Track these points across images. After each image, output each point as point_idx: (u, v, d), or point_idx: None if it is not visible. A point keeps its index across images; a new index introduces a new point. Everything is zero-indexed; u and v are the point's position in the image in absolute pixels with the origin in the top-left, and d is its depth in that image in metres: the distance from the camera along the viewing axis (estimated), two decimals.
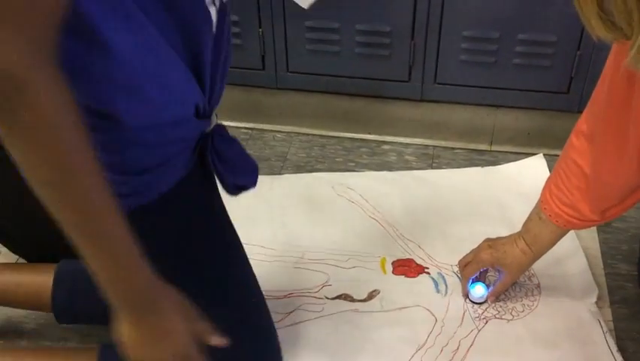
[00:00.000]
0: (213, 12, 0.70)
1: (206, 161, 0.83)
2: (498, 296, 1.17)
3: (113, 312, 0.69)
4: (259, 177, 1.46)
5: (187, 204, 0.84)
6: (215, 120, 0.82)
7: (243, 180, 0.88)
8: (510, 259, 1.10)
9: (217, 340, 0.78)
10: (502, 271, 1.13)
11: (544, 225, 1.05)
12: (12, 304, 1.13)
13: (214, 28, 0.71)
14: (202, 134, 0.81)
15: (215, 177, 0.85)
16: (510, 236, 1.12)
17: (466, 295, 1.19)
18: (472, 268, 1.15)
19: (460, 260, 1.19)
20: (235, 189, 0.87)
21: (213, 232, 0.91)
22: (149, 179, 0.76)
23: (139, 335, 0.70)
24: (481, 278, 1.18)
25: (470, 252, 1.17)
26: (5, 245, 1.28)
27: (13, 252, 1.28)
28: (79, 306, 1.08)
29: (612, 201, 0.97)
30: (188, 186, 0.82)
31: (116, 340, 0.71)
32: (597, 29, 0.60)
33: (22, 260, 1.29)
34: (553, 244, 1.08)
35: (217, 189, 0.89)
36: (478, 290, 1.17)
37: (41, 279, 1.10)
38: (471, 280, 1.17)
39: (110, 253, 0.64)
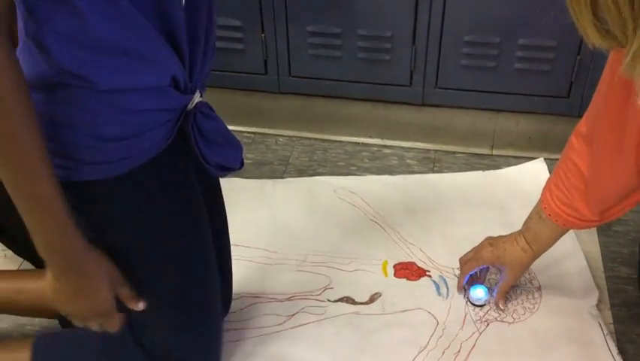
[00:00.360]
0: None
1: (188, 138, 0.83)
2: (504, 296, 1.17)
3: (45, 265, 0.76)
4: (262, 180, 1.50)
5: (161, 180, 0.84)
6: (198, 98, 0.82)
7: (226, 159, 0.89)
8: (510, 257, 1.11)
9: (135, 305, 0.86)
10: (502, 270, 1.14)
11: (545, 224, 1.06)
12: (13, 312, 1.13)
13: (183, 2, 0.73)
14: (184, 110, 0.81)
15: (199, 157, 0.85)
16: (510, 235, 1.12)
17: (462, 290, 1.20)
18: (472, 265, 1.16)
19: (461, 257, 1.19)
20: (219, 169, 0.88)
21: (182, 213, 0.89)
22: (123, 148, 0.76)
23: (62, 289, 0.79)
24: (480, 278, 1.18)
25: (471, 250, 1.18)
26: (10, 248, 1.28)
27: (18, 254, 1.29)
28: None
29: (611, 202, 0.98)
30: (164, 162, 0.82)
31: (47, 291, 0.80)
32: (593, 38, 0.61)
33: (26, 264, 1.30)
34: (554, 242, 1.09)
35: (193, 172, 0.89)
36: (479, 293, 1.17)
37: (43, 284, 1.09)
38: (468, 280, 1.18)
39: (40, 214, 0.71)
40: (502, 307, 1.17)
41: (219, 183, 1.03)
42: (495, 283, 1.18)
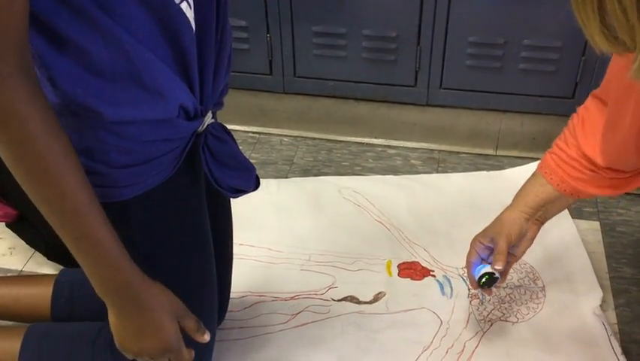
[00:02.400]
0: (188, 11, 0.69)
1: (199, 160, 0.82)
2: (503, 260, 1.03)
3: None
4: (266, 180, 1.50)
5: (170, 205, 0.83)
6: (209, 120, 0.81)
7: (239, 182, 0.86)
8: (495, 223, 1.06)
9: (202, 337, 0.82)
10: (497, 236, 1.06)
11: (535, 179, 1.02)
12: (11, 318, 1.13)
13: (193, 27, 0.71)
14: (194, 134, 0.80)
15: (210, 179, 0.83)
16: None
17: (473, 283, 1.08)
18: (471, 252, 1.08)
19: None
20: (231, 192, 0.86)
21: (190, 238, 0.88)
22: (131, 175, 0.76)
23: (125, 329, 0.75)
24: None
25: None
26: (26, 238, 1.29)
27: (33, 245, 1.30)
28: (78, 315, 1.08)
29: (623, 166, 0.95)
30: (173, 187, 0.81)
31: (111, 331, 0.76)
32: (601, 44, 0.61)
33: (30, 264, 1.31)
34: (540, 200, 1.02)
35: (204, 191, 0.87)
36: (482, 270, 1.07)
37: (40, 291, 1.09)
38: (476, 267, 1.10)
39: (92, 253, 0.69)
40: (498, 268, 1.03)
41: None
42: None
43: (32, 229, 1.26)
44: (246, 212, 1.39)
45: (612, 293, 1.22)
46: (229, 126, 1.41)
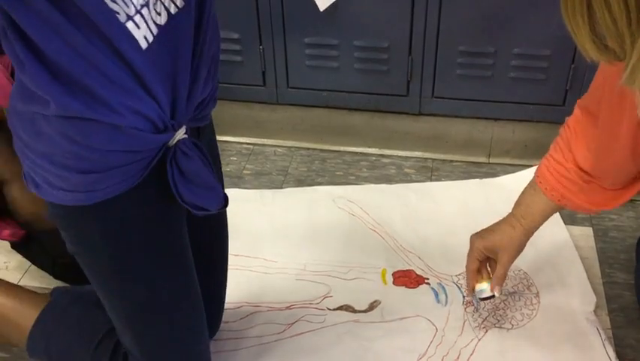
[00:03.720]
0: (135, 30, 0.69)
1: (166, 175, 0.81)
2: (502, 281, 1.10)
3: None
4: (260, 191, 1.51)
5: (136, 214, 0.83)
6: (181, 135, 0.80)
7: (201, 200, 0.84)
8: (500, 235, 1.07)
9: None
10: (497, 252, 1.10)
11: (538, 196, 1.03)
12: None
13: (142, 44, 0.70)
14: (162, 147, 0.79)
15: (175, 195, 0.82)
16: (499, 220, 1.10)
17: (472, 291, 1.14)
18: (471, 258, 1.12)
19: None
20: (195, 209, 0.84)
21: (154, 248, 0.87)
22: (92, 181, 0.76)
23: None
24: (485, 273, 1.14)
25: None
26: (31, 258, 1.30)
27: (40, 266, 1.30)
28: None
29: (611, 180, 0.97)
30: (140, 197, 0.81)
31: None
32: (591, 53, 0.62)
33: (25, 279, 1.31)
34: (544, 217, 1.05)
35: (177, 205, 0.85)
36: (482, 285, 1.13)
37: (24, 321, 1.05)
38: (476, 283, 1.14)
39: None
40: (498, 294, 1.10)
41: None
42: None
43: (39, 249, 1.26)
44: (241, 222, 1.40)
45: (606, 298, 1.23)
46: (223, 138, 1.43)
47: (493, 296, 1.12)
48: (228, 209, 1.06)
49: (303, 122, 1.67)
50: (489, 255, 1.11)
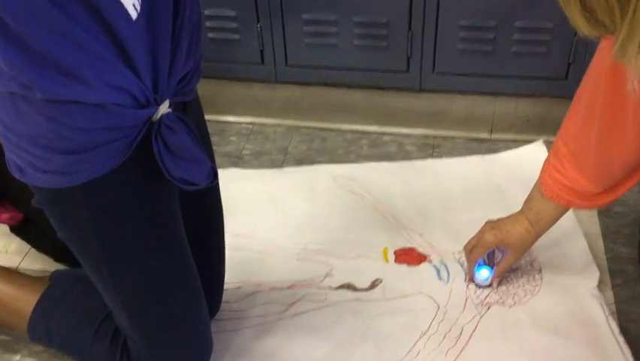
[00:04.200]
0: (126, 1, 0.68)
1: (153, 150, 0.79)
2: (502, 276, 1.18)
3: None
4: (261, 170, 1.50)
5: (123, 194, 0.82)
6: (164, 109, 0.79)
7: (189, 174, 0.83)
8: (514, 238, 1.11)
9: None
10: (504, 251, 1.14)
11: (547, 203, 1.06)
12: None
13: (132, 15, 0.69)
14: (146, 123, 0.78)
15: (163, 170, 0.81)
16: (511, 216, 1.12)
17: (472, 280, 1.19)
18: (478, 252, 1.16)
19: (465, 245, 1.19)
20: (183, 184, 0.83)
21: (150, 228, 0.87)
22: (77, 161, 0.75)
23: None
24: (489, 262, 1.18)
25: (473, 237, 1.18)
26: (30, 241, 1.29)
27: (38, 249, 1.29)
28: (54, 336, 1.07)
29: (615, 178, 0.98)
30: (127, 175, 0.80)
31: None
32: (583, 27, 0.62)
33: (24, 263, 1.31)
34: (556, 220, 1.09)
35: (166, 183, 0.84)
36: (483, 273, 1.17)
37: (24, 307, 1.06)
38: (477, 264, 1.18)
39: None
40: (495, 286, 1.17)
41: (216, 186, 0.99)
42: (497, 261, 1.17)
43: (38, 232, 1.25)
44: (242, 202, 1.39)
45: (609, 273, 1.22)
46: (222, 118, 1.42)
47: (491, 285, 1.18)
48: (228, 190, 1.06)
49: (303, 101, 1.66)
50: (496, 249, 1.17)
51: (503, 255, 1.15)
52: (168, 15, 0.74)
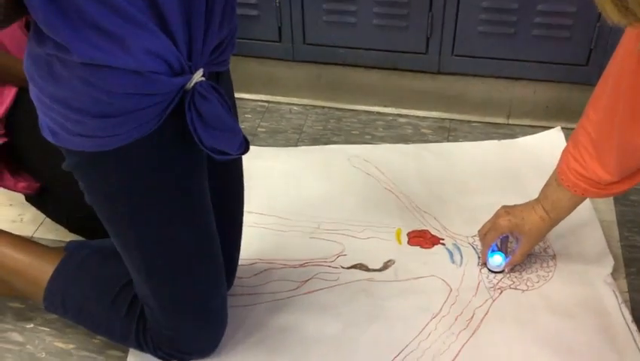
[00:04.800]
0: None
1: (185, 119, 0.79)
2: (515, 265, 1.18)
3: None
4: (276, 148, 1.50)
5: (153, 162, 0.82)
6: (198, 77, 0.78)
7: (222, 144, 0.83)
8: (529, 225, 1.11)
9: None
10: (519, 238, 1.14)
11: (563, 192, 1.05)
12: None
13: None
14: (180, 90, 0.78)
15: (195, 139, 0.80)
16: (527, 203, 1.12)
17: (485, 264, 1.19)
18: (492, 236, 1.16)
19: (480, 229, 1.19)
20: (216, 153, 0.83)
21: (177, 199, 0.87)
22: (110, 125, 0.75)
23: None
24: (502, 248, 1.18)
25: (488, 220, 1.17)
26: (47, 211, 1.30)
27: (54, 219, 1.30)
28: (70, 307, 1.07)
29: (633, 167, 0.98)
30: (158, 143, 0.80)
31: None
32: (612, 15, 0.61)
33: (39, 232, 1.32)
34: (572, 210, 1.08)
35: (201, 153, 0.85)
36: (497, 259, 1.17)
37: (40, 275, 1.05)
38: (491, 250, 1.17)
39: None
40: (507, 272, 1.18)
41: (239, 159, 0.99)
42: (511, 251, 1.18)
43: (54, 202, 1.26)
44: (256, 180, 1.39)
45: (623, 262, 1.21)
46: (238, 95, 1.42)
47: (504, 271, 1.18)
48: (243, 166, 1.06)
49: (319, 80, 1.64)
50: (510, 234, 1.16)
51: (518, 242, 1.15)
52: None
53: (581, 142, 1.01)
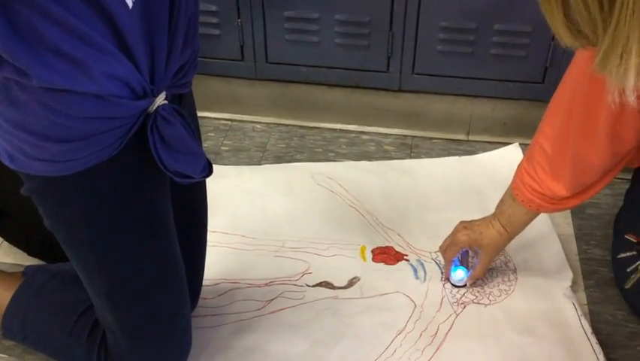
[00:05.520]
0: None
1: (148, 142, 0.78)
2: (477, 279, 1.19)
3: None
4: (239, 167, 1.50)
5: (115, 185, 0.81)
6: (160, 101, 0.78)
7: (185, 167, 0.83)
8: (487, 239, 1.13)
9: None
10: (479, 252, 1.16)
11: (518, 207, 1.08)
12: None
13: (128, 3, 0.69)
14: (142, 114, 0.77)
15: (157, 162, 0.80)
16: (484, 218, 1.14)
17: (447, 279, 1.21)
18: (452, 251, 1.18)
19: (441, 245, 1.21)
20: (178, 176, 0.83)
21: (135, 220, 0.86)
22: (70, 150, 0.74)
23: None
24: (463, 262, 1.20)
25: (448, 236, 1.19)
26: (5, 234, 1.26)
27: (12, 242, 1.26)
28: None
29: (587, 182, 1.01)
30: (120, 167, 0.79)
31: None
32: (565, 38, 0.63)
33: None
34: (528, 224, 1.11)
35: (164, 176, 0.83)
36: (459, 273, 1.19)
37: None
38: (453, 264, 1.19)
39: None
40: (469, 286, 1.20)
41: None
42: (472, 266, 1.19)
43: (13, 225, 1.23)
44: (219, 199, 1.38)
45: (582, 274, 1.24)
46: (201, 113, 1.41)
47: (466, 285, 1.20)
48: (207, 185, 1.05)
49: (282, 98, 1.65)
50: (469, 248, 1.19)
51: (477, 257, 1.17)
52: (165, 4, 0.74)
53: (535, 158, 1.03)
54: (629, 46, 0.56)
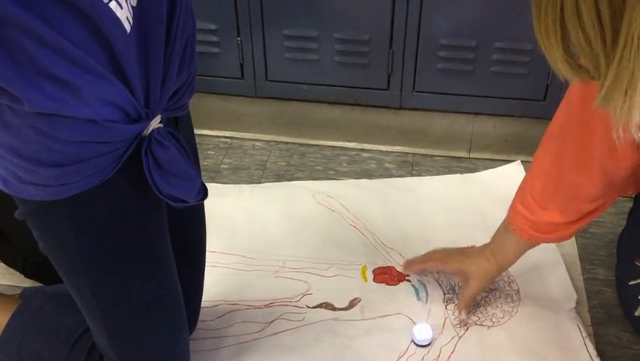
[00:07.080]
0: (118, 10, 0.66)
1: (142, 166, 0.77)
2: (468, 305, 1.16)
3: None
4: (239, 186, 1.48)
5: (109, 209, 0.80)
6: (155, 124, 0.77)
7: (179, 191, 0.82)
8: (475, 265, 1.12)
9: None
10: (468, 279, 1.14)
11: (509, 236, 1.07)
12: None
13: (126, 28, 0.67)
14: (136, 138, 0.76)
15: (152, 186, 0.78)
16: (481, 245, 1.14)
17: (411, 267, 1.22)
18: (437, 266, 1.19)
19: (432, 250, 1.21)
20: (173, 200, 0.81)
21: (130, 244, 0.84)
22: (63, 174, 0.73)
23: None
24: (438, 279, 1.18)
25: (443, 249, 1.20)
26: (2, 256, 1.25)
27: (10, 264, 1.25)
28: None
29: (584, 209, 0.99)
30: (114, 190, 0.78)
31: None
32: (564, 72, 0.61)
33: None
34: (517, 256, 1.09)
35: (159, 199, 0.82)
36: (424, 332, 1.12)
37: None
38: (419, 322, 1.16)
39: None
40: (464, 317, 1.15)
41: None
42: (459, 288, 1.18)
43: (9, 247, 1.22)
44: (219, 218, 1.37)
45: (586, 295, 1.22)
46: (200, 132, 1.40)
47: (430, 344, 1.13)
48: (205, 204, 1.04)
49: (282, 116, 1.64)
50: (457, 275, 1.17)
51: (465, 286, 1.15)
52: (162, 28, 0.73)
53: (527, 187, 1.02)
54: (634, 82, 0.54)
